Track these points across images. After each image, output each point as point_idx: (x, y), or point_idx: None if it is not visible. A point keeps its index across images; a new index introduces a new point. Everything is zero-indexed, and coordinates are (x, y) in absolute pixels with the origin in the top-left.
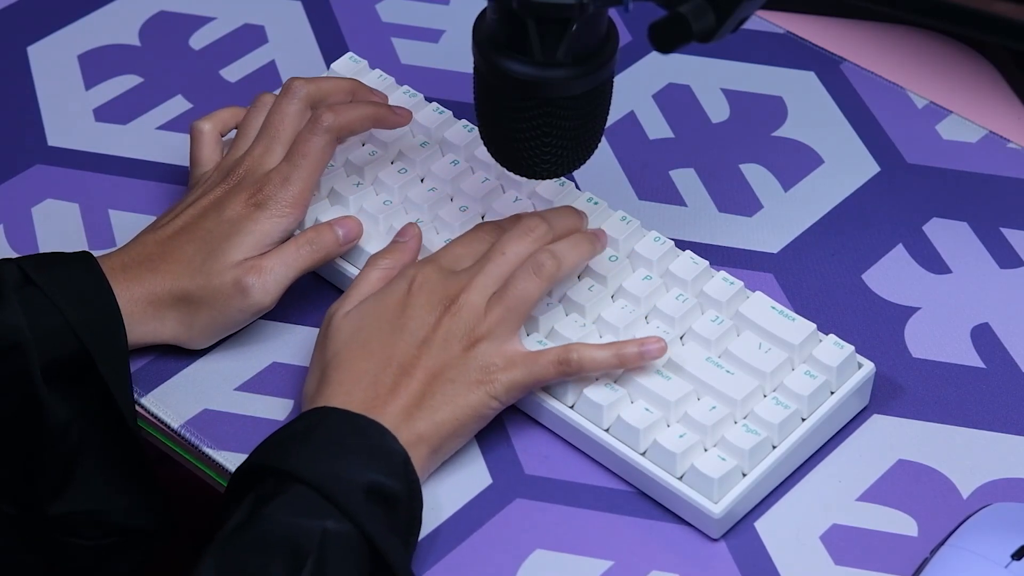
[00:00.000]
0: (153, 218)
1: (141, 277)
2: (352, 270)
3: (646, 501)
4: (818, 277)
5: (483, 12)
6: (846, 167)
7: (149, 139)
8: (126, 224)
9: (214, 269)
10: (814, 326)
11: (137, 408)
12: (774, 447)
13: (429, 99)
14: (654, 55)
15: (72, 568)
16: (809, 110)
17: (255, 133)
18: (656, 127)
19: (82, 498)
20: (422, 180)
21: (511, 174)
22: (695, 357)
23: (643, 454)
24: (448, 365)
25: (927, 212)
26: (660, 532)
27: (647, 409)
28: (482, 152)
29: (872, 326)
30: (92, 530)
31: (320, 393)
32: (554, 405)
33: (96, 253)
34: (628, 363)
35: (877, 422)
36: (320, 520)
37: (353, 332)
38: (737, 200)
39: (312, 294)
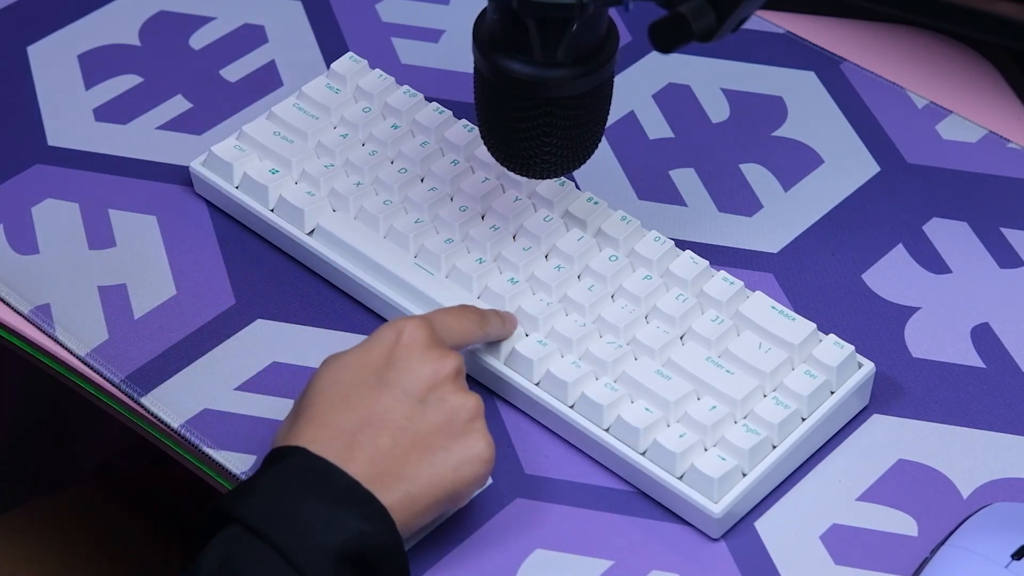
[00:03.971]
0: (153, 218)
1: None
2: (351, 269)
3: (646, 501)
4: (818, 277)
5: (483, 12)
6: (846, 167)
7: (149, 139)
8: (126, 224)
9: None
10: (814, 326)
11: (137, 408)
12: (774, 447)
13: (429, 99)
14: (654, 55)
15: None
16: (809, 110)
17: None
18: (656, 127)
19: None
20: (422, 180)
21: (511, 174)
22: (695, 357)
23: (643, 454)
24: (440, 430)
25: (927, 212)
26: (660, 532)
27: (647, 409)
28: (482, 152)
29: (872, 326)
30: None
31: (289, 437)
32: (554, 405)
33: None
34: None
35: (877, 422)
36: None
37: (334, 381)
38: (737, 200)
39: (312, 293)
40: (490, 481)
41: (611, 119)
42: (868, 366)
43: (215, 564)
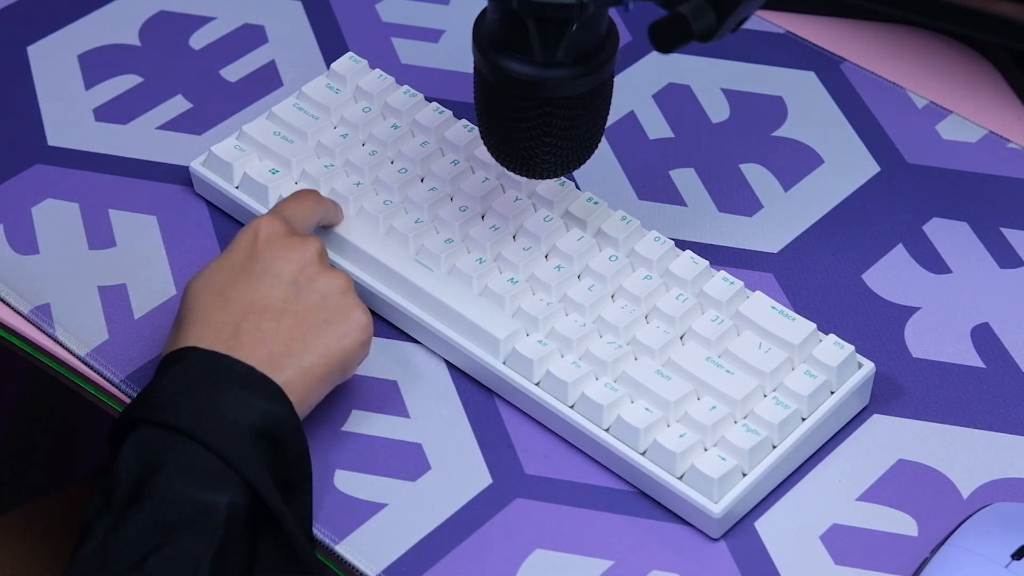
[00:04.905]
0: (153, 218)
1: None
2: (351, 268)
3: (646, 501)
4: (818, 277)
5: (483, 12)
6: (846, 167)
7: (149, 139)
8: (126, 224)
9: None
10: (814, 326)
11: None
12: (774, 447)
13: (429, 99)
14: (654, 55)
15: None
16: (809, 110)
17: None
18: (656, 127)
19: None
20: (422, 180)
21: (511, 174)
22: (695, 357)
23: (643, 454)
24: (318, 306)
25: (927, 212)
26: (660, 532)
27: (647, 409)
28: (482, 152)
29: (872, 326)
30: None
31: (176, 343)
32: (554, 405)
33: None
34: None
35: (877, 422)
36: (219, 492)
37: (206, 286)
38: (737, 200)
39: None
40: (490, 481)
41: (611, 119)
42: (868, 366)
43: (134, 465)
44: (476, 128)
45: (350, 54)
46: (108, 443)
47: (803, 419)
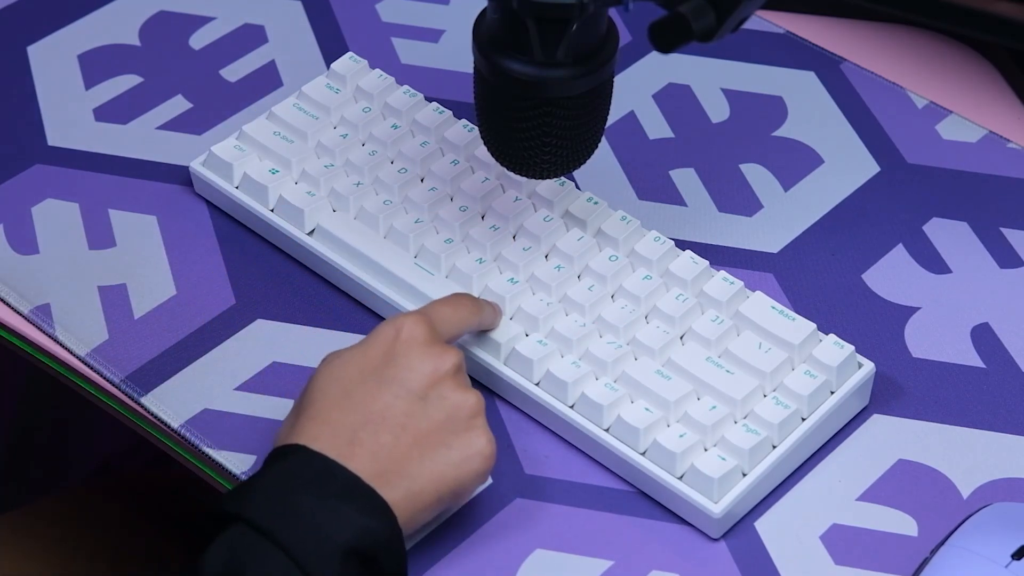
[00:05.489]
0: (153, 218)
1: None
2: (351, 269)
3: (646, 501)
4: (818, 277)
5: (483, 12)
6: (846, 167)
7: (149, 139)
8: (126, 224)
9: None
10: (814, 326)
11: (137, 408)
12: (774, 447)
13: (429, 99)
14: (654, 55)
15: None
16: (809, 110)
17: None
18: (656, 127)
19: None
20: (422, 180)
21: (511, 174)
22: (695, 357)
23: (643, 454)
24: (442, 427)
25: (927, 212)
26: (660, 532)
27: (647, 409)
28: (482, 152)
29: (872, 326)
30: None
31: (290, 436)
32: (554, 405)
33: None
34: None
35: (877, 422)
36: None
37: (334, 379)
38: (737, 200)
39: (312, 293)
40: (490, 480)
41: (611, 119)
42: (868, 366)
43: (219, 563)
44: (476, 128)
45: (350, 54)
46: (202, 523)
47: (803, 419)
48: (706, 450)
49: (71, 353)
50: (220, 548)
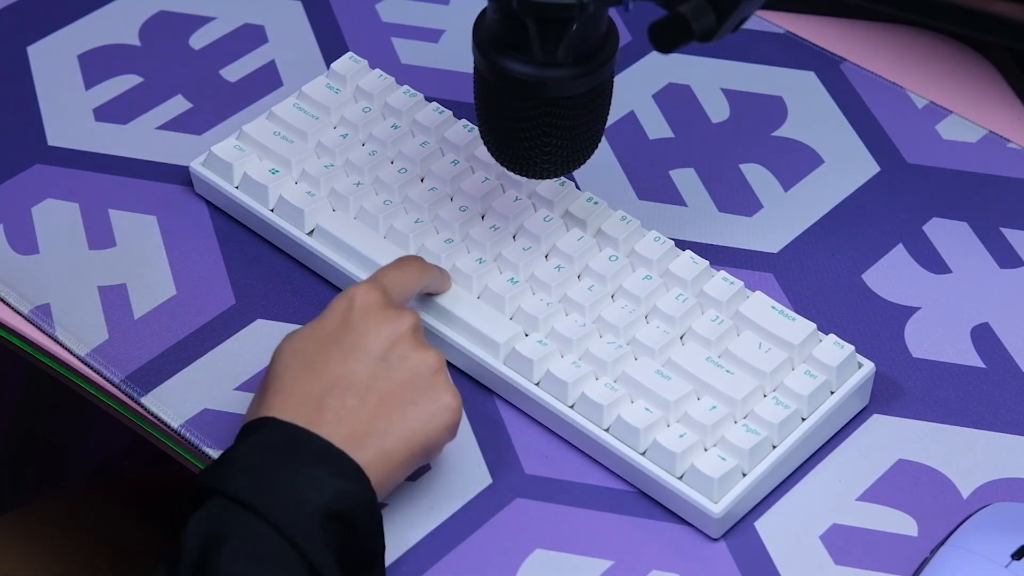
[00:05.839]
0: (153, 218)
1: None
2: (351, 269)
3: (646, 501)
4: (818, 277)
5: (483, 12)
6: (846, 167)
7: (149, 139)
8: (126, 224)
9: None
10: (814, 326)
11: (137, 408)
12: (774, 447)
13: (429, 99)
14: (654, 55)
15: None
16: (809, 110)
17: None
18: (656, 127)
19: None
20: (422, 180)
21: (511, 174)
22: (695, 357)
23: (643, 454)
24: (406, 385)
25: (927, 212)
26: (660, 532)
27: (647, 409)
28: (482, 152)
29: (872, 326)
30: None
31: (257, 411)
32: (554, 405)
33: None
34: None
35: (877, 422)
36: (281, 573)
37: (294, 354)
38: (737, 200)
39: (312, 293)
40: (490, 481)
41: (611, 119)
42: (868, 366)
43: (200, 537)
44: (476, 128)
45: (350, 54)
46: (182, 504)
47: (803, 419)
48: (706, 450)
49: (71, 353)
50: (199, 522)
